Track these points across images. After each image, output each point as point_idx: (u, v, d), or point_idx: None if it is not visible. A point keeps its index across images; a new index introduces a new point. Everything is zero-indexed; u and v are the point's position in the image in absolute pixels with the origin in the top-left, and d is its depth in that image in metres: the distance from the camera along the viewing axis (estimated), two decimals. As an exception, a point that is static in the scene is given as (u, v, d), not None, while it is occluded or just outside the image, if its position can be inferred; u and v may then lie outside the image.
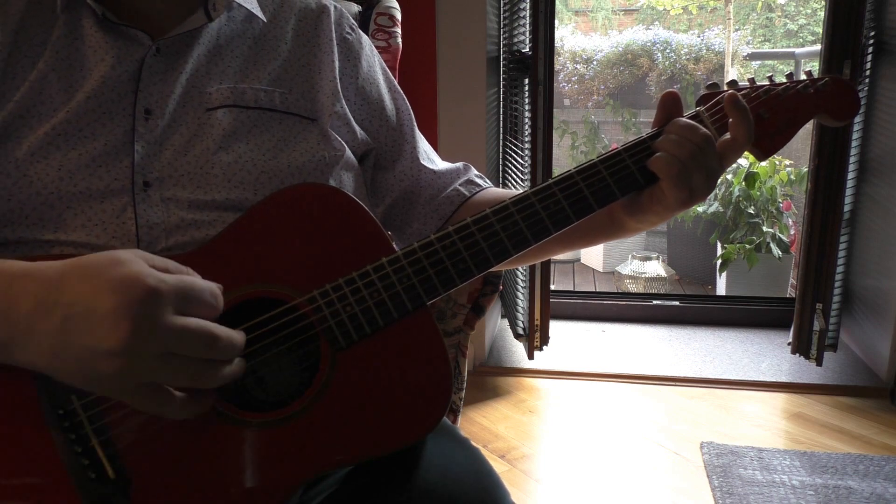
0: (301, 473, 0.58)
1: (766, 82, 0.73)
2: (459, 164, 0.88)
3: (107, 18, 0.70)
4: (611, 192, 0.67)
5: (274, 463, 0.58)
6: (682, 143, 0.66)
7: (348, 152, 0.76)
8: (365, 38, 0.85)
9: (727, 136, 0.68)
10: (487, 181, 0.88)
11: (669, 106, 0.69)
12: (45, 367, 0.52)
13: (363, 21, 1.23)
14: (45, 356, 0.51)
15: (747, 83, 0.74)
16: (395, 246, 0.64)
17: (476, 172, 0.88)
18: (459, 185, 0.85)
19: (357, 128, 0.79)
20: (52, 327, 0.50)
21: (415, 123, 0.87)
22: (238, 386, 0.62)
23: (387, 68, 0.87)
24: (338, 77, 0.78)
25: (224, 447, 0.58)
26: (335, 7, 0.83)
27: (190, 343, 0.51)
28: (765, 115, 0.71)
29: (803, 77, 0.73)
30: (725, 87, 0.73)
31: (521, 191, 0.67)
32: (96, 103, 0.68)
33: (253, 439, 0.58)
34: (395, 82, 0.87)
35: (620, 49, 5.92)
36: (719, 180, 2.97)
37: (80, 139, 0.66)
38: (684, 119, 0.68)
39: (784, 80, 0.73)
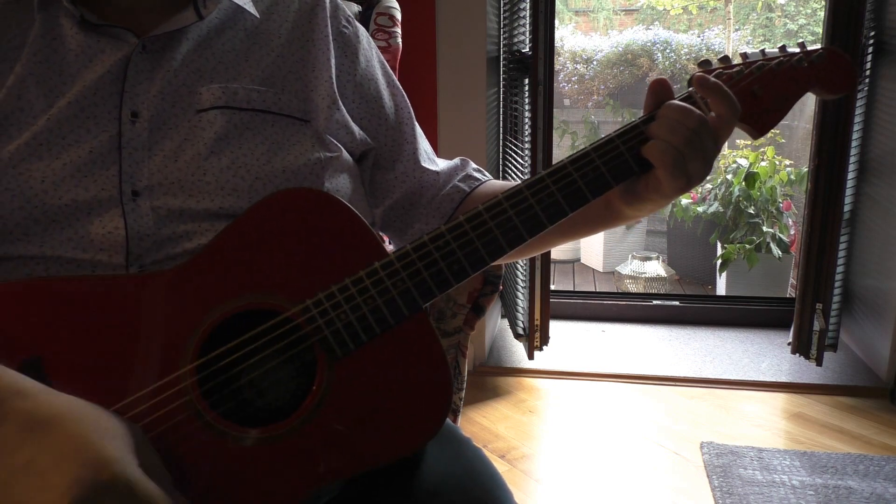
0: (303, 488, 0.57)
1: (759, 57, 0.70)
2: (457, 161, 0.86)
3: (86, 20, 0.66)
4: (605, 181, 0.64)
5: (275, 479, 0.57)
6: (676, 129, 0.63)
7: (345, 153, 0.74)
8: (362, 30, 0.82)
9: (712, 114, 0.65)
10: (486, 174, 0.86)
11: (659, 92, 0.66)
12: None
13: (363, 21, 1.23)
14: None
15: (740, 59, 0.70)
16: (387, 249, 0.63)
17: (474, 166, 0.86)
18: (458, 181, 0.83)
19: (355, 128, 0.77)
20: (13, 463, 0.47)
21: (415, 121, 0.84)
22: (237, 401, 0.61)
23: (385, 63, 0.84)
24: (334, 76, 0.75)
25: (224, 466, 0.56)
26: (330, 0, 0.79)
27: None
28: (758, 91, 0.68)
29: (796, 49, 0.70)
30: (718, 64, 0.70)
31: (515, 184, 0.65)
32: (79, 108, 0.64)
33: (253, 456, 0.57)
34: (395, 78, 0.84)
35: (620, 49, 5.92)
36: (719, 180, 2.93)
37: (63, 147, 0.63)
38: (677, 102, 0.65)
39: (778, 54, 0.70)
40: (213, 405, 0.57)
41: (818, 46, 0.70)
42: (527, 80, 2.18)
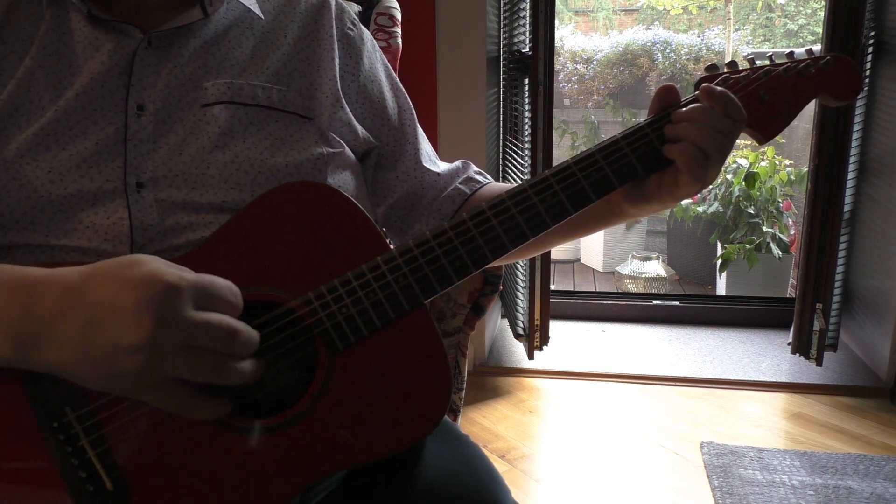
0: (301, 478, 0.58)
1: (767, 63, 0.71)
2: (458, 163, 0.86)
3: (94, 15, 0.68)
4: (609, 182, 0.65)
5: (274, 469, 0.57)
6: (711, 135, 0.63)
7: (347, 150, 0.75)
8: (367, 33, 0.83)
9: None
10: (488, 177, 0.87)
11: (666, 98, 0.67)
12: (65, 368, 0.52)
13: (363, 21, 1.23)
14: (67, 356, 0.51)
15: (747, 65, 0.71)
16: (390, 244, 0.64)
17: (476, 169, 0.87)
18: (459, 183, 0.84)
19: (358, 127, 0.77)
20: (75, 326, 0.50)
21: (417, 122, 0.85)
22: (237, 391, 0.61)
23: (388, 65, 0.85)
24: (338, 76, 0.76)
25: (223, 454, 0.57)
26: (336, 2, 0.80)
27: (211, 336, 0.52)
28: (765, 96, 0.68)
29: (804, 56, 0.70)
30: (725, 69, 0.70)
31: (519, 183, 0.66)
32: (86, 100, 0.66)
33: (253, 445, 0.57)
34: (397, 79, 0.85)
35: (620, 49, 5.92)
36: (719, 180, 2.94)
37: (70, 138, 0.64)
38: (704, 105, 0.65)
39: (785, 60, 0.70)
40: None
41: (826, 54, 0.71)
42: (527, 80, 2.18)
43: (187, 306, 0.51)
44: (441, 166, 0.86)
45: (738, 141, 0.69)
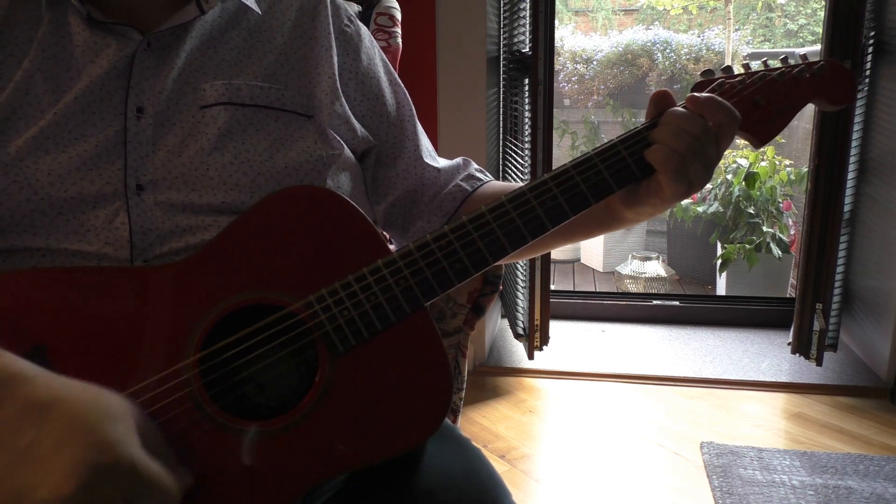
0: (303, 482, 0.58)
1: (762, 68, 0.71)
2: (459, 160, 0.87)
3: (92, 17, 0.68)
4: (607, 185, 0.65)
5: (276, 472, 0.57)
6: (679, 134, 0.64)
7: (346, 151, 0.75)
8: (364, 29, 0.83)
9: (710, 123, 0.66)
10: (488, 175, 0.87)
11: (661, 102, 0.68)
12: None
13: (363, 21, 1.23)
14: None
15: (742, 70, 0.72)
16: (390, 247, 0.64)
17: (476, 167, 0.87)
18: (460, 180, 0.84)
19: (357, 125, 0.77)
20: (14, 445, 0.47)
21: (416, 119, 0.85)
22: (238, 394, 0.61)
23: (387, 61, 0.85)
24: (336, 72, 0.76)
25: (224, 458, 0.57)
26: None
27: None
28: (760, 101, 0.69)
29: (798, 61, 0.71)
30: (720, 74, 0.71)
31: (518, 185, 0.66)
32: (86, 103, 0.66)
33: (253, 449, 0.57)
34: (396, 76, 0.85)
35: (620, 49, 5.92)
36: (719, 180, 2.93)
37: (69, 141, 0.64)
38: (680, 109, 0.66)
39: (780, 66, 0.71)
40: (214, 397, 0.58)
41: (820, 59, 0.72)
42: (527, 80, 2.18)
43: (115, 497, 0.47)
44: (441, 162, 0.86)
45: (738, 141, 0.70)
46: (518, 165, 2.24)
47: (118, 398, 0.52)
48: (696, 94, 0.67)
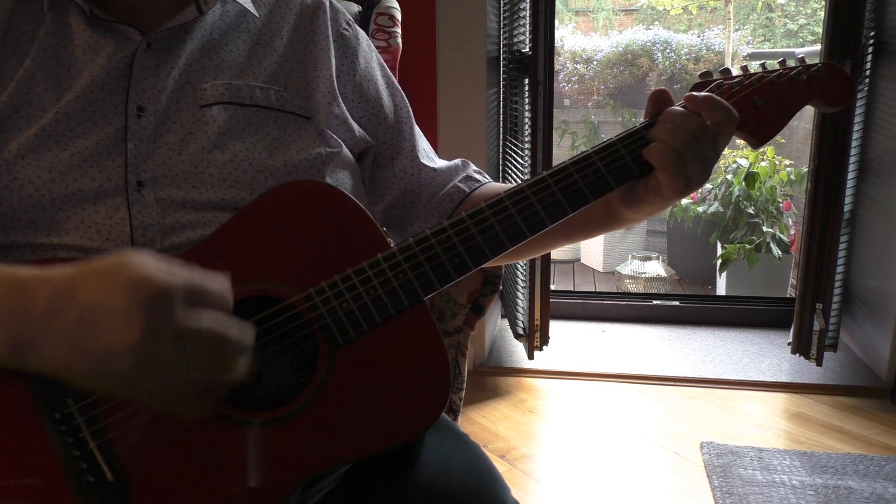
0: (301, 472, 0.58)
1: (760, 70, 0.72)
2: (458, 161, 0.87)
3: (94, 15, 0.68)
4: (605, 182, 0.66)
5: (274, 462, 0.58)
6: (676, 132, 0.65)
7: (345, 150, 0.76)
8: (362, 33, 0.84)
9: (708, 122, 0.67)
10: (486, 176, 0.87)
11: (659, 101, 0.69)
12: (59, 369, 0.52)
13: (363, 21, 1.23)
14: (60, 357, 0.51)
15: (740, 72, 0.73)
16: (390, 241, 0.64)
17: (475, 168, 0.87)
18: (459, 181, 0.84)
19: (355, 126, 0.78)
20: (66, 328, 0.50)
21: (413, 120, 0.86)
22: (238, 386, 0.62)
23: (384, 64, 0.86)
24: (335, 75, 0.77)
25: (223, 447, 0.58)
26: (331, 3, 0.81)
27: (201, 340, 0.52)
28: (758, 103, 0.70)
29: (796, 64, 0.72)
30: (718, 76, 0.72)
31: (517, 183, 0.67)
32: (86, 101, 0.66)
33: (252, 439, 0.58)
34: (394, 78, 0.86)
35: (620, 49, 5.92)
36: (719, 180, 2.94)
37: (70, 139, 0.65)
38: (678, 108, 0.67)
39: (777, 68, 0.72)
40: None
41: (817, 61, 0.73)
42: (527, 80, 2.18)
43: (177, 308, 0.51)
44: (439, 163, 0.86)
45: (737, 141, 0.70)
46: (518, 165, 2.24)
47: (125, 251, 0.54)
48: (694, 93, 0.68)
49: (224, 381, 0.54)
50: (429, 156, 0.86)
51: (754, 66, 0.73)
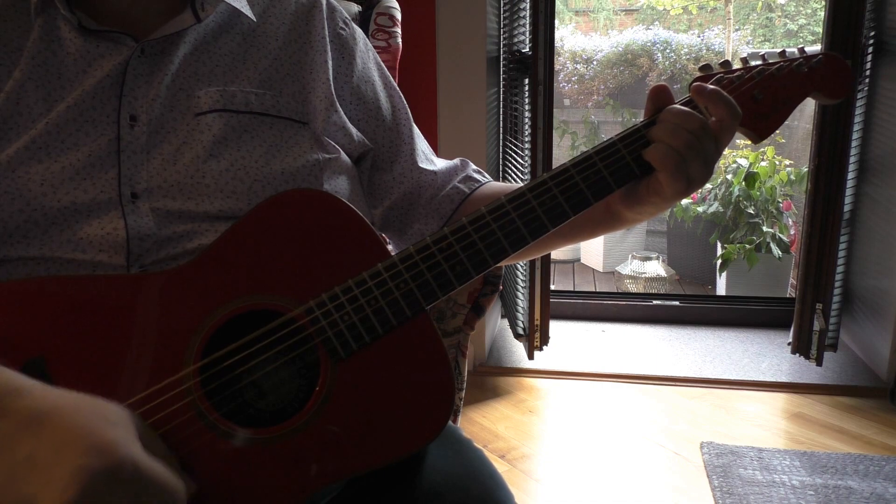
0: (306, 488, 0.57)
1: (759, 62, 0.71)
2: (457, 161, 0.86)
3: (83, 26, 0.67)
4: (607, 184, 0.65)
5: (278, 479, 0.57)
6: (677, 132, 0.63)
7: (343, 155, 0.75)
8: (359, 32, 0.82)
9: (713, 118, 0.66)
10: (486, 175, 0.86)
11: (659, 98, 0.67)
12: None
13: (363, 21, 1.23)
14: None
15: (740, 64, 0.72)
16: (391, 248, 0.63)
17: (474, 167, 0.87)
18: (458, 182, 0.83)
19: (353, 130, 0.77)
20: (14, 458, 0.46)
21: (412, 122, 0.84)
22: (240, 402, 0.61)
23: (382, 64, 0.85)
24: (331, 78, 0.75)
25: (226, 465, 0.56)
26: (327, 2, 0.80)
27: None
28: (758, 96, 0.69)
29: (796, 55, 0.71)
30: (718, 69, 0.71)
31: (517, 186, 0.66)
32: (78, 112, 0.65)
33: (256, 456, 0.57)
34: (391, 79, 0.85)
35: (620, 49, 5.92)
36: (719, 180, 2.93)
37: (62, 150, 0.64)
38: (678, 106, 0.66)
39: (778, 59, 0.71)
40: (216, 406, 0.57)
41: (817, 51, 0.71)
42: (527, 80, 2.18)
43: (120, 498, 0.46)
44: (438, 164, 0.85)
45: (737, 141, 0.70)
46: (518, 165, 2.24)
47: (116, 406, 0.51)
48: (702, 84, 0.67)
49: None
50: (428, 157, 0.85)
51: (754, 59, 0.72)
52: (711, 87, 0.66)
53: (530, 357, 2.31)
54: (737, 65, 0.72)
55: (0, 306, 0.57)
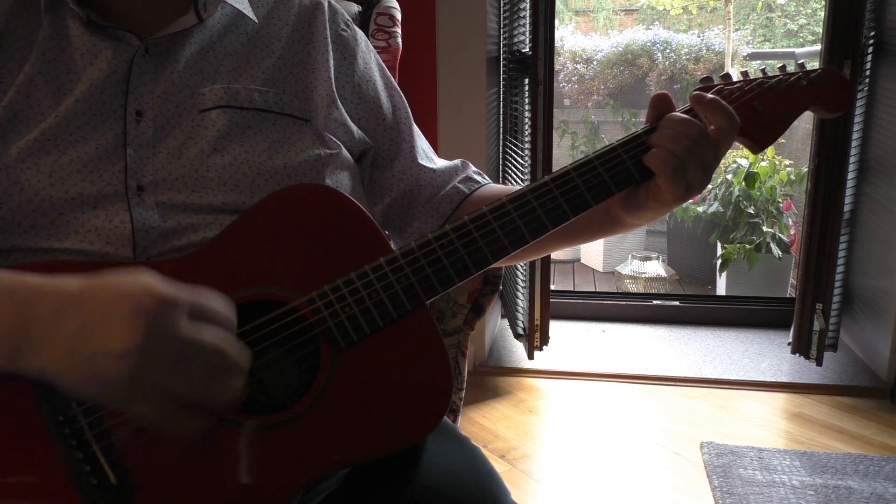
0: (303, 475, 0.58)
1: (760, 75, 0.73)
2: (457, 162, 0.87)
3: (92, 21, 0.68)
4: (607, 187, 0.67)
5: (276, 465, 0.58)
6: (677, 138, 0.65)
7: (344, 151, 0.76)
8: (360, 33, 0.84)
9: (712, 127, 0.68)
10: (486, 177, 0.87)
11: (660, 106, 0.69)
12: (55, 372, 0.51)
13: (363, 21, 1.23)
14: (58, 359, 0.51)
15: (741, 77, 0.73)
16: (392, 245, 0.64)
17: (474, 169, 0.87)
18: (458, 182, 0.84)
19: (354, 127, 0.78)
20: (68, 332, 0.51)
21: (412, 121, 0.86)
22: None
23: (383, 65, 0.86)
24: (333, 77, 0.77)
25: (226, 450, 0.57)
26: (329, 3, 0.82)
27: (200, 353, 0.52)
28: (758, 107, 0.71)
29: (796, 69, 0.73)
30: (719, 81, 0.73)
31: (519, 187, 0.67)
32: (86, 106, 0.67)
33: (255, 442, 0.58)
34: (392, 79, 0.86)
35: (620, 49, 5.92)
36: (719, 180, 2.94)
37: (70, 143, 0.65)
38: (678, 114, 0.68)
39: (777, 73, 0.73)
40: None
41: (817, 66, 0.73)
42: (527, 80, 2.18)
43: (180, 320, 0.51)
44: (438, 163, 0.86)
45: (736, 143, 0.71)
46: (518, 165, 2.24)
47: (132, 269, 0.55)
48: (701, 93, 0.68)
49: (217, 401, 0.54)
50: (428, 156, 0.86)
51: (754, 67, 0.74)
52: (710, 96, 0.68)
53: (530, 357, 2.32)
54: (737, 75, 0.74)
55: None
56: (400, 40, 1.26)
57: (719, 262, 3.36)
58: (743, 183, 3.40)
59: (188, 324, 0.51)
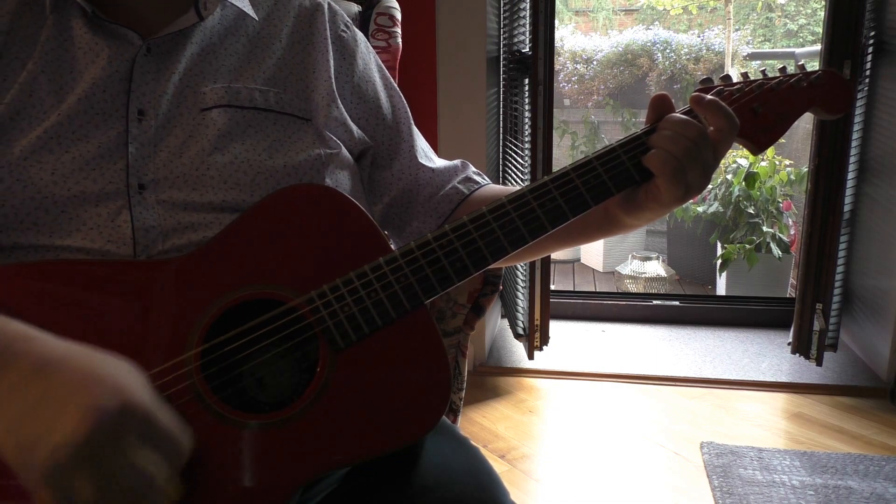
0: (301, 475, 0.58)
1: (760, 76, 0.73)
2: (457, 162, 0.87)
3: (96, 16, 0.69)
4: (606, 188, 0.67)
5: (274, 465, 0.58)
6: (676, 139, 0.65)
7: (344, 151, 0.76)
8: (360, 35, 0.84)
9: (711, 128, 0.68)
10: (485, 178, 0.88)
11: (660, 107, 0.69)
12: None
13: (363, 21, 1.23)
14: (4, 427, 0.49)
15: (741, 78, 0.73)
16: (392, 245, 0.65)
17: (474, 169, 0.88)
18: (458, 182, 0.84)
19: (354, 127, 0.79)
20: (26, 402, 0.48)
21: (412, 121, 0.86)
22: (238, 388, 0.62)
23: (382, 65, 0.87)
24: (333, 77, 0.77)
25: (224, 449, 0.58)
26: (329, 5, 0.82)
27: (130, 476, 0.49)
28: (758, 109, 0.71)
29: (796, 71, 0.73)
30: (719, 82, 0.73)
31: (518, 188, 0.67)
32: (88, 104, 0.67)
33: (253, 441, 0.58)
34: (391, 79, 0.87)
35: (620, 49, 5.91)
36: (719, 180, 2.94)
37: (72, 141, 0.66)
38: (678, 115, 0.68)
39: (777, 75, 0.73)
40: (215, 390, 0.59)
41: (817, 68, 0.73)
42: (527, 80, 2.18)
43: (130, 434, 0.49)
44: (437, 163, 0.87)
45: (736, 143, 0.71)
46: (518, 165, 2.24)
47: (123, 360, 0.54)
48: (700, 94, 0.69)
49: None
50: (427, 156, 0.86)
51: (754, 67, 0.74)
52: (710, 97, 0.68)
53: (530, 357, 2.32)
54: (737, 76, 0.74)
55: (6, 287, 0.59)
56: (400, 40, 1.26)
57: (719, 262, 3.36)
58: (743, 183, 3.40)
59: (135, 441, 0.49)
